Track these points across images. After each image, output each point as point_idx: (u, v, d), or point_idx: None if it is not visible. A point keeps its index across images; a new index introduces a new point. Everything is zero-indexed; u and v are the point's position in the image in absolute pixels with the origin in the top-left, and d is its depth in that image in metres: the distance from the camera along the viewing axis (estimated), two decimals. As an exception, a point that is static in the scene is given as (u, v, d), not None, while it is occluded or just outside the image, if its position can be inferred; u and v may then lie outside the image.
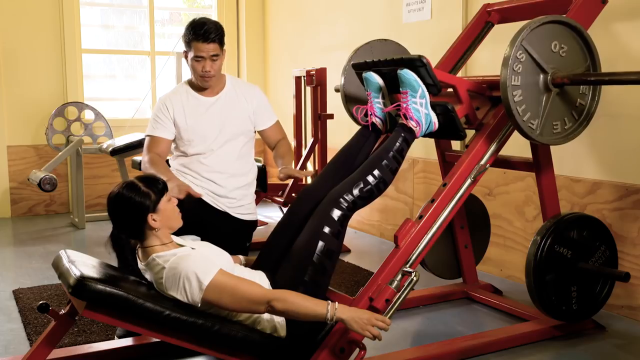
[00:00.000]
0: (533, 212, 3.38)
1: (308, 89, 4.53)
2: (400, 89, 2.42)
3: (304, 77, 4.49)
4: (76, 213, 5.12)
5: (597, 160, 3.09)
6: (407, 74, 2.38)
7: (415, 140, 2.46)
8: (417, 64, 2.38)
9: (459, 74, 3.35)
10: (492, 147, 2.48)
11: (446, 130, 2.49)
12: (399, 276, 2.25)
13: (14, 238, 4.72)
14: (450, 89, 2.66)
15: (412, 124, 2.39)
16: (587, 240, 2.69)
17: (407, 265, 2.28)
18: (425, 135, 2.48)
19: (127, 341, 2.59)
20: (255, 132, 2.97)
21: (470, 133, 2.61)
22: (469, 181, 2.42)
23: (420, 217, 2.38)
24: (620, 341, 2.70)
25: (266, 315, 2.14)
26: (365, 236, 4.75)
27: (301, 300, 2.01)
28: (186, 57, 2.83)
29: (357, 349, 2.14)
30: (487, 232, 3.34)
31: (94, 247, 4.34)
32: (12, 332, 2.82)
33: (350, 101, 2.97)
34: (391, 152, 2.36)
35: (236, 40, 6.42)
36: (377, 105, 2.53)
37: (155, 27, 6.05)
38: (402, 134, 2.39)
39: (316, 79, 4.31)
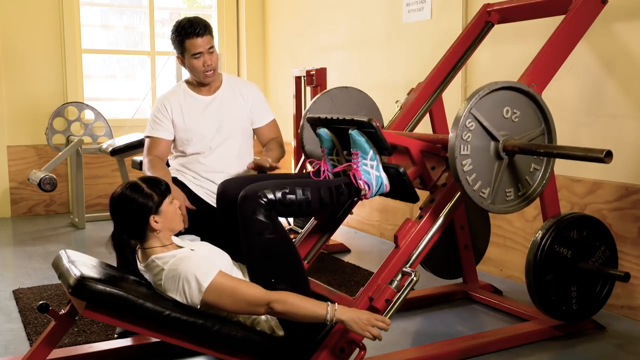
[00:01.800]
0: (533, 212, 3.38)
1: (308, 89, 4.53)
2: (351, 150, 2.35)
3: (304, 77, 4.48)
4: (76, 213, 5.12)
5: (597, 160, 3.09)
6: (358, 136, 2.30)
7: (367, 199, 2.41)
8: (367, 127, 2.30)
9: (459, 75, 3.36)
10: (444, 214, 2.36)
11: (399, 192, 2.42)
12: (399, 276, 2.25)
13: (14, 238, 4.72)
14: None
15: (361, 185, 2.32)
16: (587, 240, 2.69)
17: (407, 265, 2.28)
18: (378, 195, 2.42)
19: (127, 341, 2.59)
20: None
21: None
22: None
23: (420, 217, 2.38)
24: (620, 341, 2.70)
25: (264, 316, 2.14)
26: (365, 236, 4.75)
27: (301, 301, 2.01)
28: (182, 60, 2.83)
29: (357, 349, 2.14)
30: (487, 232, 3.34)
31: (94, 247, 4.34)
32: (12, 332, 2.82)
33: (308, 155, 2.92)
34: (331, 187, 2.30)
35: (236, 40, 6.42)
36: (330, 163, 2.48)
37: (155, 27, 6.05)
38: (350, 183, 2.32)
39: (316, 79, 4.31)
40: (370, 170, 2.32)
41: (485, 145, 2.26)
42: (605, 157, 2.03)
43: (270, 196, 2.17)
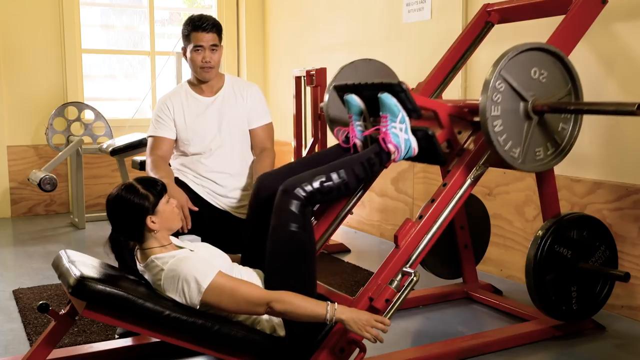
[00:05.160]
0: (533, 212, 3.38)
1: (308, 89, 4.53)
2: (380, 113, 2.38)
3: (304, 77, 4.48)
4: (76, 213, 5.12)
5: (597, 160, 3.09)
6: (388, 99, 2.34)
7: (395, 162, 2.43)
8: (397, 89, 2.34)
9: (459, 75, 3.36)
10: (473, 175, 2.42)
11: (427, 155, 2.45)
12: (399, 276, 2.25)
13: (14, 238, 4.72)
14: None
15: (390, 148, 2.35)
16: (587, 240, 2.69)
17: (407, 265, 2.28)
18: (406, 159, 2.46)
19: (127, 341, 2.59)
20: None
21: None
22: (469, 181, 2.42)
23: (420, 217, 2.38)
24: (620, 341, 2.70)
25: (266, 316, 2.14)
26: (365, 236, 4.75)
27: (300, 301, 2.01)
28: (184, 53, 2.83)
29: (357, 349, 2.14)
30: (487, 232, 3.34)
31: (94, 247, 4.34)
32: (12, 332, 2.82)
33: (334, 122, 2.93)
34: (363, 161, 2.33)
35: (236, 40, 6.42)
36: (357, 128, 2.51)
37: (155, 27, 6.05)
38: (379, 151, 2.36)
39: (316, 79, 4.30)
40: (399, 133, 2.36)
41: (515, 106, 2.33)
42: (637, 109, 2.06)
43: (309, 188, 2.20)
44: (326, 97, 2.93)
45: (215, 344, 2.10)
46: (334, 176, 2.25)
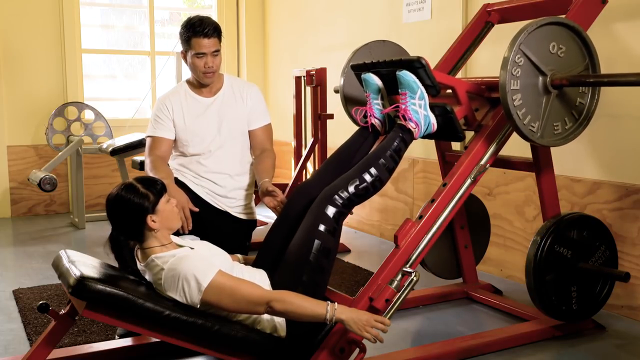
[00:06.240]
0: (533, 212, 3.38)
1: (308, 89, 4.53)
2: (399, 90, 2.42)
3: (304, 77, 4.48)
4: (76, 213, 5.12)
5: (597, 160, 3.09)
6: (406, 75, 2.38)
7: (415, 140, 2.46)
8: (416, 66, 2.38)
9: (459, 75, 3.36)
10: (491, 148, 2.47)
11: (445, 132, 2.49)
12: (399, 276, 2.25)
13: (14, 238, 4.72)
14: (449, 90, 2.66)
15: (411, 125, 2.39)
16: (587, 240, 2.69)
17: (407, 265, 2.28)
18: (424, 137, 2.49)
19: (127, 341, 2.59)
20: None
21: (469, 134, 2.61)
22: (469, 181, 2.42)
23: (420, 217, 2.38)
24: (620, 341, 2.70)
25: (266, 315, 2.14)
26: (365, 236, 4.75)
27: (300, 300, 2.01)
28: (184, 56, 2.81)
29: (357, 349, 2.14)
30: (487, 232, 3.34)
31: (94, 247, 4.34)
32: (12, 332, 2.82)
33: (350, 102, 2.97)
34: (389, 151, 2.36)
35: (236, 40, 6.42)
36: (376, 107, 2.53)
37: (155, 27, 6.05)
38: (401, 134, 2.39)
39: (316, 79, 4.31)
40: (418, 109, 2.40)
41: (534, 80, 2.36)
42: None
43: (345, 194, 2.27)
44: (341, 80, 2.95)
45: (215, 344, 2.10)
46: (367, 177, 2.30)
